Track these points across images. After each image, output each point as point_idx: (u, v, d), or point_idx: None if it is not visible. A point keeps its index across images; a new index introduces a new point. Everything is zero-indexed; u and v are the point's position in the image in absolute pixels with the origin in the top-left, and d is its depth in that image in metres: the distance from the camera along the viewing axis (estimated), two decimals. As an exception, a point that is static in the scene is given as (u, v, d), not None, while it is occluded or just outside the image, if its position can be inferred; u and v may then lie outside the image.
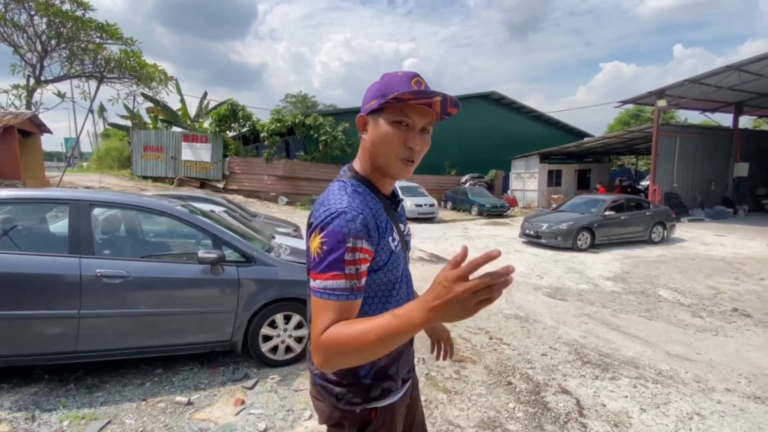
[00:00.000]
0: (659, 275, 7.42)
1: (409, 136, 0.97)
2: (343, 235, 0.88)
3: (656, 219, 10.64)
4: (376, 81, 1.02)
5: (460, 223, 15.48)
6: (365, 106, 1.01)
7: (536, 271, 7.67)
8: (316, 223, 0.92)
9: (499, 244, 10.60)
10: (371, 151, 1.02)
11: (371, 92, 1.00)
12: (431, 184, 21.31)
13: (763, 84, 13.80)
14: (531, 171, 20.94)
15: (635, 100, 14.84)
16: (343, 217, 0.89)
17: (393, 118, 0.96)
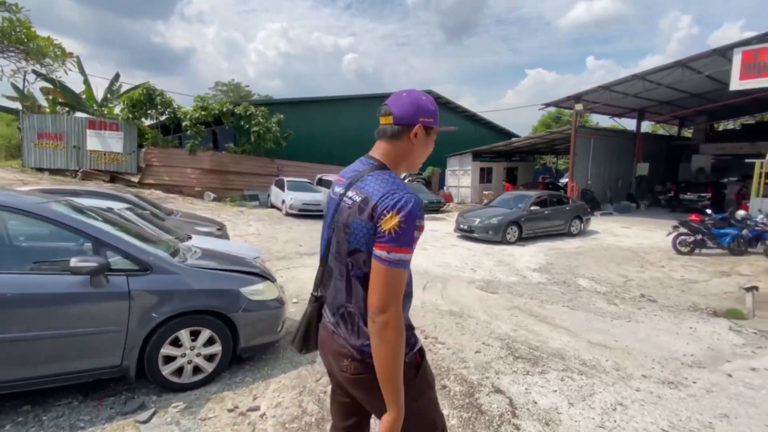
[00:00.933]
0: (578, 266, 7.98)
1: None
2: (416, 217, 1.12)
3: (574, 213, 11.53)
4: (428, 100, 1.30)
5: (398, 218, 15.51)
6: (421, 119, 1.25)
7: (470, 264, 7.82)
8: (391, 205, 1.10)
9: (436, 239, 10.74)
10: (413, 152, 1.30)
11: (429, 112, 1.27)
12: (370, 179, 21.18)
13: (660, 93, 15.67)
14: (465, 168, 21.74)
15: (556, 104, 16.04)
16: (415, 201, 1.13)
17: (434, 136, 1.33)
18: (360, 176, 1.23)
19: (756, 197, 10.80)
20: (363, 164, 1.29)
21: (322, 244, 1.34)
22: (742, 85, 10.87)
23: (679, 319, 4.67)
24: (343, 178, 1.32)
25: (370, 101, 24.40)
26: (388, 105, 1.27)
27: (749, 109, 21.94)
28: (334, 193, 1.32)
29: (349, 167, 1.37)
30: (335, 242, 1.25)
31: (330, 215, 1.30)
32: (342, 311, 1.25)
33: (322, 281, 1.37)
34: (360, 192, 1.18)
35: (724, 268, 7.93)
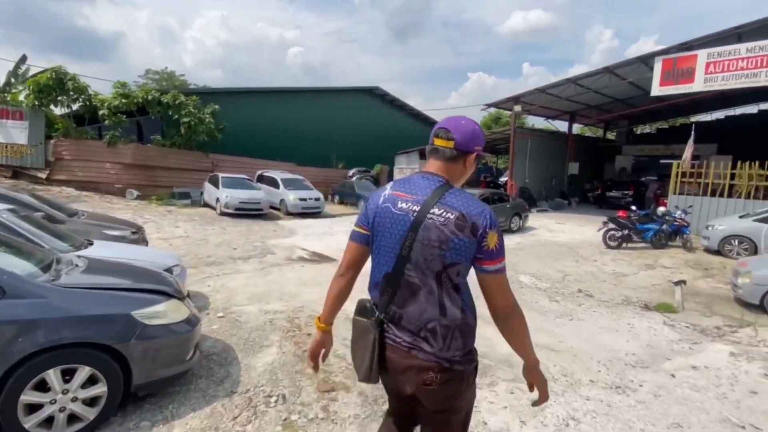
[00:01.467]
0: (519, 262, 8.11)
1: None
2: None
3: (515, 210, 11.88)
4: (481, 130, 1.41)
5: (347, 217, 15.02)
6: (476, 147, 1.37)
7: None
8: (487, 224, 1.25)
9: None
10: (464, 173, 1.41)
11: (482, 141, 1.39)
12: (318, 177, 20.41)
13: (589, 97, 16.78)
14: (412, 167, 21.79)
15: (497, 104, 16.56)
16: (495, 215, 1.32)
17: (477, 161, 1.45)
18: (437, 193, 1.27)
19: (673, 195, 11.86)
20: (429, 181, 1.32)
21: (390, 262, 1.30)
22: (662, 91, 11.87)
23: (617, 314, 4.77)
24: (407, 194, 1.31)
25: (317, 95, 23.55)
26: (450, 131, 1.32)
27: (664, 114, 24.48)
28: (397, 208, 1.30)
29: (407, 182, 1.37)
30: (422, 258, 1.25)
31: (401, 231, 1.28)
32: (432, 326, 1.27)
33: (394, 300, 1.32)
34: (451, 209, 1.24)
35: (649, 261, 8.52)
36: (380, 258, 1.34)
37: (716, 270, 7.89)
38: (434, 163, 1.35)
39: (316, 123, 23.16)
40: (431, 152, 1.38)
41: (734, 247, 8.84)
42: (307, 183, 15.26)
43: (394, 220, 1.29)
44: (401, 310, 1.30)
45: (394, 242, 1.28)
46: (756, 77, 10.20)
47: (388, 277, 1.30)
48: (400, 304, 1.30)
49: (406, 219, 1.27)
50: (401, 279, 1.28)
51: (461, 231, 1.21)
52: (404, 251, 1.26)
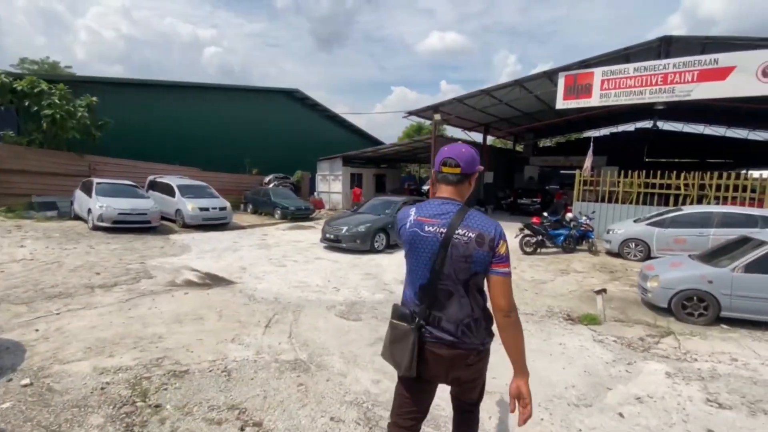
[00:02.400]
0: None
1: None
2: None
3: (439, 218, 11.63)
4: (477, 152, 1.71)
5: (259, 228, 13.48)
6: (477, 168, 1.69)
7: (334, 281, 6.67)
8: (498, 236, 1.56)
9: (300, 251, 9.30)
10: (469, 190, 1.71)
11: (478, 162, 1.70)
12: (228, 183, 18.37)
13: (501, 110, 17.63)
14: (336, 173, 20.88)
15: (418, 113, 16.55)
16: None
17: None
18: (459, 216, 1.58)
19: (577, 201, 12.66)
20: (449, 205, 1.63)
21: (425, 276, 1.59)
22: (565, 104, 12.69)
23: (546, 332, 4.37)
24: (431, 219, 1.61)
25: (229, 94, 21.37)
26: (456, 159, 1.63)
27: (564, 129, 27.14)
28: (424, 231, 1.60)
29: (429, 207, 1.65)
30: (452, 271, 1.56)
31: (432, 249, 1.57)
32: (467, 322, 1.59)
33: (434, 305, 1.60)
34: (471, 229, 1.56)
35: (562, 266, 8.69)
36: (414, 273, 1.65)
37: (620, 273, 8.28)
38: (446, 188, 1.68)
39: (227, 124, 21.02)
40: (442, 178, 1.67)
41: (632, 249, 9.49)
42: (211, 190, 13.40)
43: (423, 241, 1.60)
44: (440, 313, 1.60)
45: (426, 259, 1.59)
46: (642, 95, 11.33)
47: (424, 288, 1.61)
48: (439, 308, 1.60)
49: (435, 240, 1.57)
50: (436, 289, 1.58)
51: (481, 246, 1.54)
52: (437, 266, 1.56)
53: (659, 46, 11.01)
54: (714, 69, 10.11)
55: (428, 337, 1.59)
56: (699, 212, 9.01)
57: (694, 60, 10.36)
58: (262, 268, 7.51)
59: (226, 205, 12.72)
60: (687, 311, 5.30)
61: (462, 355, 1.58)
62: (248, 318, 4.75)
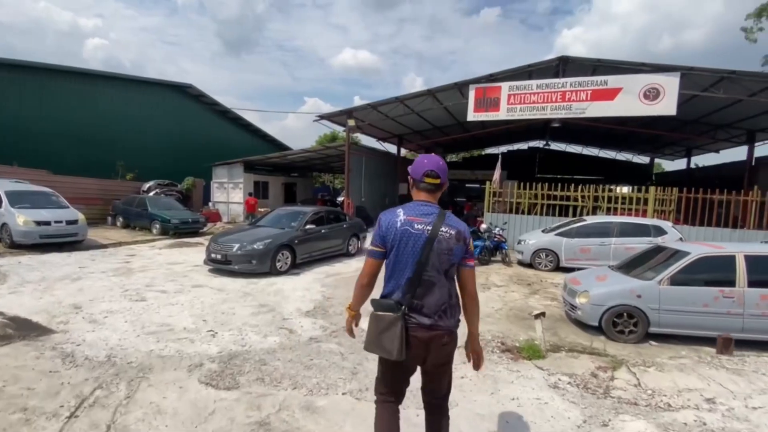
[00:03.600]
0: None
1: None
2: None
3: (352, 231, 10.47)
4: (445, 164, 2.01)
5: (127, 247, 10.71)
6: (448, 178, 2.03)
7: (212, 321, 4.96)
8: (468, 235, 1.90)
9: (174, 277, 7.23)
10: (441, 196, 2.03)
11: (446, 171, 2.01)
12: (92, 190, 14.75)
13: (414, 121, 17.43)
14: (235, 181, 18.42)
15: (331, 116, 15.38)
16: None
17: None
18: (441, 216, 1.86)
19: (488, 212, 12.69)
20: (430, 207, 1.90)
21: (411, 268, 1.81)
22: (475, 117, 12.75)
23: (491, 380, 3.41)
24: (419, 218, 1.85)
25: (99, 82, 17.41)
26: (437, 171, 1.91)
27: (469, 145, 28.57)
28: (414, 228, 1.82)
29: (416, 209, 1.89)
30: (437, 262, 1.81)
31: (420, 245, 1.80)
32: (444, 307, 1.83)
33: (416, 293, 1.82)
34: (452, 227, 1.85)
35: (481, 280, 8.18)
36: (400, 266, 1.83)
37: (537, 284, 8.05)
38: (426, 194, 1.93)
39: (95, 120, 17.16)
40: (424, 187, 1.93)
41: (543, 259, 9.51)
42: (59, 199, 10.28)
43: (413, 237, 1.81)
44: (422, 301, 1.82)
45: (414, 253, 1.80)
46: (544, 110, 11.83)
47: (411, 280, 1.80)
48: (421, 296, 1.81)
49: (422, 236, 1.81)
50: (421, 279, 1.80)
51: (459, 241, 1.84)
52: (423, 258, 1.79)
53: (558, 65, 11.65)
54: (604, 89, 10.94)
55: (411, 323, 1.81)
56: (600, 222, 9.40)
57: (588, 80, 11.11)
58: (106, 305, 5.40)
59: (78, 217, 9.79)
60: (618, 329, 4.93)
61: (438, 335, 1.83)
62: (44, 400, 2.91)
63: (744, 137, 15.61)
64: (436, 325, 1.80)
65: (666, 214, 10.90)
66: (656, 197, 11.11)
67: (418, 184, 1.92)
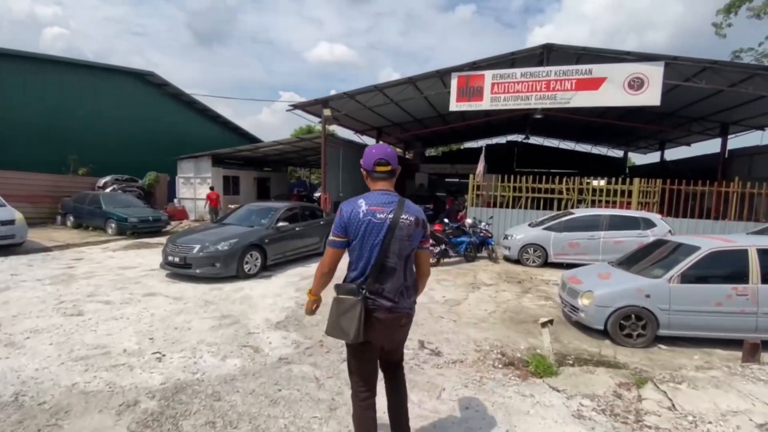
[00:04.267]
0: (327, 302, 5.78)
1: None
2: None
3: (330, 228, 9.71)
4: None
5: (75, 249, 9.54)
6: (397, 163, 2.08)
7: (161, 339, 4.15)
8: (425, 219, 2.00)
9: (123, 284, 6.29)
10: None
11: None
12: (41, 187, 13.29)
13: (393, 111, 16.75)
14: (203, 175, 17.20)
15: (305, 105, 14.44)
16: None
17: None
18: (400, 205, 1.92)
19: (472, 206, 12.21)
20: (389, 196, 1.94)
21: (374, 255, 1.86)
22: (458, 106, 12.20)
23: (502, 409, 2.80)
24: (380, 207, 1.89)
25: (46, 67, 15.69)
26: (386, 159, 1.96)
27: (448, 139, 28.15)
28: (376, 218, 1.87)
29: (376, 199, 1.92)
30: (397, 248, 1.88)
31: (383, 233, 1.85)
32: (401, 290, 1.91)
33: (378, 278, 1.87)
34: (411, 215, 1.92)
35: (469, 279, 7.66)
36: (362, 253, 1.87)
37: (527, 282, 7.59)
38: (382, 183, 1.98)
39: (44, 110, 15.52)
40: (378, 176, 1.97)
41: (530, 255, 9.09)
42: (-9, 196, 9.00)
43: (376, 226, 1.85)
44: (383, 285, 1.87)
45: (377, 240, 1.85)
46: (528, 100, 11.40)
47: (373, 266, 1.85)
48: (382, 281, 1.87)
49: (384, 224, 1.86)
50: (383, 264, 1.86)
51: (417, 227, 1.94)
52: (386, 244, 1.84)
53: (542, 53, 11.24)
54: (589, 79, 10.60)
55: (372, 306, 1.86)
56: (589, 216, 9.04)
57: (573, 69, 10.75)
58: (31, 322, 4.48)
59: (15, 217, 8.58)
60: (625, 332, 4.47)
61: (398, 317, 1.91)
62: None
63: (717, 130, 15.82)
64: (395, 308, 1.88)
65: (650, 206, 10.73)
66: (640, 189, 10.93)
67: (371, 174, 1.97)
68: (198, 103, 23.07)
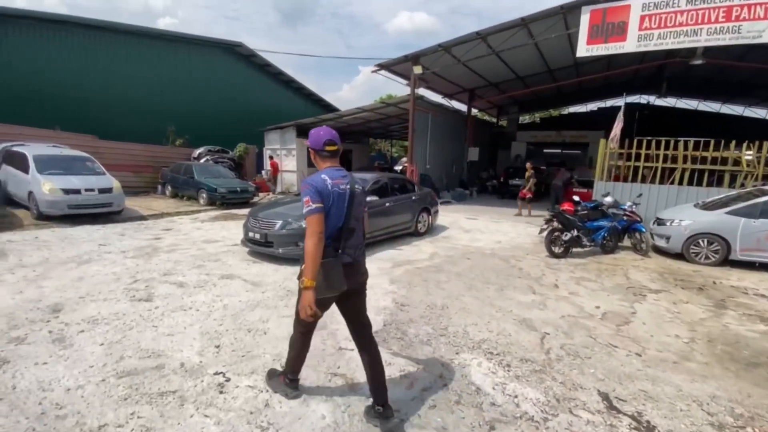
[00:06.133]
0: (446, 302, 4.33)
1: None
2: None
3: (422, 205, 8.23)
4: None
5: (168, 219, 9.52)
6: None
7: (228, 349, 3.11)
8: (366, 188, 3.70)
9: (202, 262, 5.62)
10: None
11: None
12: (142, 157, 14.00)
13: (492, 67, 14.29)
14: (288, 147, 16.88)
15: (392, 64, 12.84)
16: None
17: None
18: (352, 177, 2.23)
19: (600, 180, 9.65)
20: (342, 171, 2.21)
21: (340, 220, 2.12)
22: (589, 50, 9.48)
23: None
24: (339, 180, 2.14)
25: (145, 42, 16.42)
26: (333, 140, 2.21)
27: (549, 103, 24.35)
28: (340, 188, 2.11)
29: (334, 173, 2.15)
30: (357, 212, 2.20)
31: (347, 200, 2.13)
32: (359, 244, 2.25)
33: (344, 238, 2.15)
34: (359, 185, 2.25)
35: (619, 278, 5.61)
36: (333, 220, 2.10)
37: (711, 289, 5.29)
38: (332, 161, 2.23)
39: (144, 81, 16.31)
40: (328, 155, 2.21)
41: (703, 248, 6.58)
42: (95, 164, 9.21)
43: (340, 196, 2.11)
44: (347, 243, 2.17)
45: (344, 207, 2.12)
46: (696, 36, 8.31)
47: (341, 228, 2.13)
48: (347, 239, 2.17)
49: (346, 193, 2.13)
50: (347, 227, 2.15)
51: (364, 194, 2.35)
52: (348, 210, 2.13)
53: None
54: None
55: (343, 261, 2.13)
56: (810, 196, 6.14)
57: (779, -17, 7.39)
58: (95, 307, 3.82)
59: (112, 185, 8.62)
60: None
61: (359, 265, 2.25)
62: None
63: None
64: (356, 261, 2.21)
65: None
66: None
67: (321, 154, 2.20)
68: (284, 74, 22.90)
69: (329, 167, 2.17)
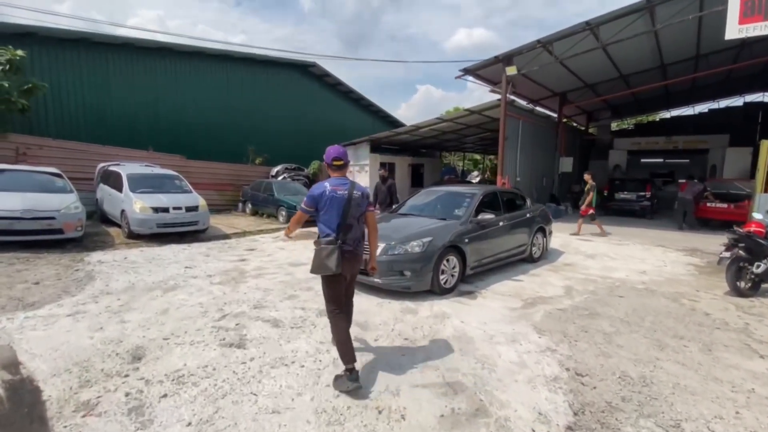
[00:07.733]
0: (633, 364, 2.90)
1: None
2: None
3: (538, 224, 6.81)
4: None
5: (250, 238, 9.13)
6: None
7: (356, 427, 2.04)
8: (367, 193, 2.97)
9: (292, 291, 4.81)
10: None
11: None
12: (224, 175, 14.27)
13: (591, 66, 12.46)
14: (361, 163, 16.36)
15: (479, 68, 11.68)
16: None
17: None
18: (352, 185, 2.81)
19: (760, 192, 7.46)
20: (345, 180, 2.83)
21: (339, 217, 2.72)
22: (742, 31, 7.52)
23: None
24: (339, 187, 2.75)
25: (228, 64, 17.07)
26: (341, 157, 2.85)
27: (645, 107, 21.37)
28: (337, 193, 2.72)
29: (336, 182, 2.79)
30: (354, 212, 2.77)
31: (344, 202, 2.72)
32: (359, 238, 2.84)
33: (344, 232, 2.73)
34: (358, 191, 2.81)
35: None
36: (332, 216, 2.72)
37: None
38: (339, 172, 2.85)
39: (226, 102, 16.89)
40: (334, 168, 2.86)
41: None
42: (183, 183, 9.15)
43: (336, 198, 2.72)
44: (346, 236, 2.75)
45: (340, 208, 2.72)
46: None
47: (340, 224, 2.72)
48: (346, 232, 2.74)
49: (344, 197, 2.73)
50: (346, 222, 2.73)
51: (364, 198, 2.85)
52: (345, 210, 2.72)
53: None
54: None
55: (344, 249, 2.72)
56: None
57: None
58: (180, 354, 3.08)
59: (198, 203, 8.40)
60: None
61: (358, 255, 2.85)
62: None
63: None
64: (355, 250, 2.79)
65: None
66: None
67: (330, 167, 2.86)
68: (354, 92, 22.84)
69: (335, 177, 2.83)
